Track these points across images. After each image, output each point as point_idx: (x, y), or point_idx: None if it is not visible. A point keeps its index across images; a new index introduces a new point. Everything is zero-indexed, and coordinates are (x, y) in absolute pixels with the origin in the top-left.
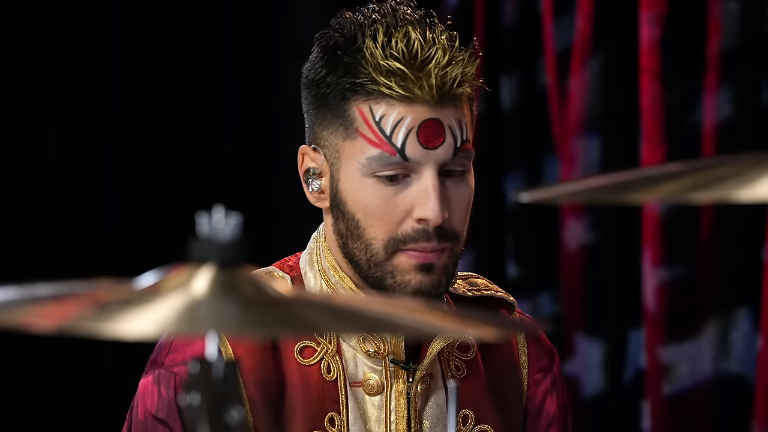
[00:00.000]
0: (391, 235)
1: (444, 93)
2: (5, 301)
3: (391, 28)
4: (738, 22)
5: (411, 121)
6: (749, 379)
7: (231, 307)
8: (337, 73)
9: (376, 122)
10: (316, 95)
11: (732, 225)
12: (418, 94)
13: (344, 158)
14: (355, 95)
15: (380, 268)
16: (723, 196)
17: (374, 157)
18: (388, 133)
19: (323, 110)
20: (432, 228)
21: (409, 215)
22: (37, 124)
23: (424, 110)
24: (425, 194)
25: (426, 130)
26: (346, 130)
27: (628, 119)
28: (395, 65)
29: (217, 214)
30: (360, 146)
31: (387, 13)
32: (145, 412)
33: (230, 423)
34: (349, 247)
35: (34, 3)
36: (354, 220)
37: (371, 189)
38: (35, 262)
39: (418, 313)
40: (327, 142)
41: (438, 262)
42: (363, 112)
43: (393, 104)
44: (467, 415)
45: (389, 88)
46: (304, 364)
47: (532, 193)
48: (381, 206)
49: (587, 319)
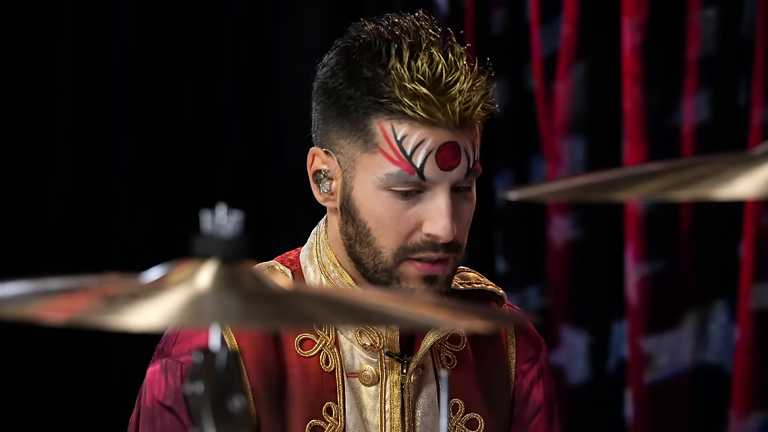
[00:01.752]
0: (400, 245)
1: (465, 118)
2: (18, 295)
3: (416, 48)
4: (715, 28)
5: (431, 143)
6: (726, 369)
7: (233, 300)
8: (359, 88)
9: (398, 141)
10: (336, 104)
11: (710, 222)
12: (440, 118)
13: (360, 168)
14: (377, 113)
15: (387, 273)
16: (702, 194)
17: (393, 174)
18: (409, 153)
19: (342, 120)
20: (441, 243)
21: (418, 228)
22: (47, 128)
23: (445, 134)
24: (438, 212)
25: (444, 153)
26: (365, 143)
27: (612, 121)
28: (421, 90)
29: (219, 211)
30: (379, 161)
31: (410, 31)
32: (152, 399)
33: (232, 410)
34: (356, 249)
35: (45, 14)
36: (365, 228)
37: (385, 201)
38: (46, 258)
39: (411, 306)
40: (343, 150)
41: (441, 275)
42: (385, 130)
43: (415, 126)
44: (457, 404)
45: (413, 110)
46: (304, 356)
47: (520, 191)
48: (394, 218)
49: (572, 311)
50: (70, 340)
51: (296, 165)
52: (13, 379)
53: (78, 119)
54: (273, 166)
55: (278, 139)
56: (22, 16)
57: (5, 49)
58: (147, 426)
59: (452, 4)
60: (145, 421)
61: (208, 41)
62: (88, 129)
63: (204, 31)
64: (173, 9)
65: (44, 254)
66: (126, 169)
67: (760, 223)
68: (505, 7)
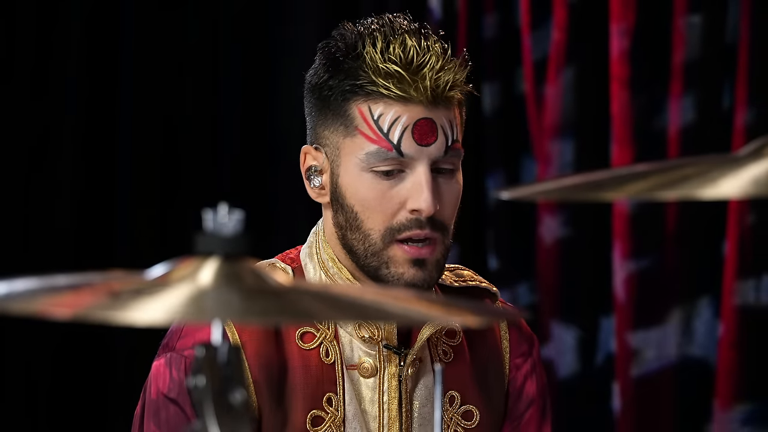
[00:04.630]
0: (386, 226)
1: (437, 95)
2: (26, 291)
3: (389, 36)
4: (700, 34)
5: (407, 119)
6: (711, 363)
7: (234, 296)
8: (338, 77)
9: (375, 120)
10: (319, 98)
11: (695, 221)
12: (413, 95)
13: (344, 155)
14: (355, 96)
15: (377, 257)
16: (687, 194)
17: (372, 152)
18: (386, 130)
19: (325, 111)
20: (424, 218)
21: (403, 207)
22: (55, 128)
23: (419, 110)
24: (419, 187)
25: (420, 128)
26: (346, 128)
27: (600, 123)
28: (393, 68)
29: (221, 210)
30: (359, 143)
31: (385, 24)
32: (157, 392)
33: (233, 403)
34: (348, 238)
35: (51, 18)
36: (353, 212)
37: (368, 183)
38: (53, 255)
39: (407, 302)
40: (328, 141)
41: (430, 258)
42: (362, 112)
43: (390, 104)
44: (453, 396)
45: (387, 88)
46: (305, 349)
47: (512, 191)
48: (377, 199)
49: (562, 307)
50: (77, 335)
51: (294, 166)
52: (20, 372)
53: (84, 121)
54: (272, 167)
55: (276, 141)
56: (30, 20)
57: (14, 50)
58: (152, 418)
59: (446, 9)
60: (150, 413)
61: (209, 45)
62: (93, 130)
63: (205, 36)
64: (175, 14)
65: (51, 251)
66: (130, 170)
67: (744, 222)
68: (496, 13)
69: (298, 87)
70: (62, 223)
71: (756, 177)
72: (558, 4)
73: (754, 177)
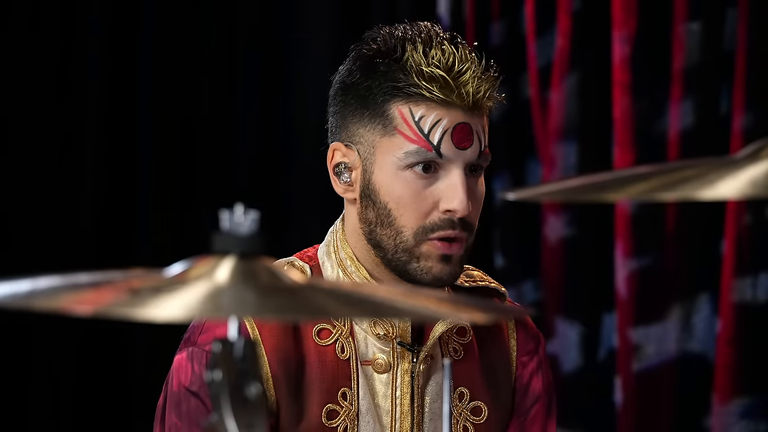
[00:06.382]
0: (420, 224)
1: (476, 101)
2: (49, 288)
3: (433, 41)
4: (699, 40)
5: (447, 123)
6: (709, 358)
7: (250, 293)
8: (377, 79)
9: (416, 121)
10: (355, 98)
11: (694, 221)
12: (454, 100)
13: (380, 153)
14: (395, 98)
15: (407, 253)
16: (687, 196)
17: (412, 151)
18: (426, 132)
19: (361, 110)
20: (457, 218)
21: (436, 207)
22: (77, 133)
23: (458, 114)
24: (454, 188)
25: (459, 132)
26: (384, 128)
27: (602, 127)
28: (437, 72)
29: (237, 211)
30: (398, 142)
31: (423, 31)
32: (179, 384)
33: (249, 396)
34: (376, 233)
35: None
36: (386, 209)
37: (404, 181)
38: (76, 254)
39: (417, 300)
40: (363, 139)
41: (456, 254)
42: (403, 113)
43: (432, 107)
44: (463, 393)
45: (430, 91)
46: (321, 344)
47: (517, 192)
48: (413, 197)
49: (566, 304)
50: (98, 332)
51: (307, 167)
52: (43, 367)
53: (105, 124)
54: (286, 169)
55: (291, 143)
56: (54, 26)
57: (39, 54)
58: (173, 409)
59: (454, 17)
60: (172, 405)
61: (225, 51)
62: (114, 133)
63: (222, 41)
64: (193, 19)
65: (74, 250)
66: (150, 172)
67: (741, 222)
68: (503, 21)
69: (311, 89)
70: (85, 223)
71: (753, 178)
72: (562, 13)
73: (752, 179)
